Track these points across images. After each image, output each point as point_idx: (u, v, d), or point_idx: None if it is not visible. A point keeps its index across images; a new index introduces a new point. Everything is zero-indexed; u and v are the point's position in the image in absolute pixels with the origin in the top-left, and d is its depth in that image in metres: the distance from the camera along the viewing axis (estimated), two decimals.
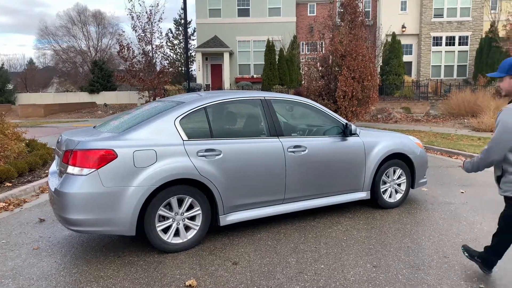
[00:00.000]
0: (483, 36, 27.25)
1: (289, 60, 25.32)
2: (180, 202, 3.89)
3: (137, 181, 3.59)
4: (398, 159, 5.16)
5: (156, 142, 3.74)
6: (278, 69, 24.95)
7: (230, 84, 28.46)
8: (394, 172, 5.19)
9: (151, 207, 3.69)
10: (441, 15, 28.77)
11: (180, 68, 34.45)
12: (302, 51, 28.57)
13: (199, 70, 29.33)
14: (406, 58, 28.28)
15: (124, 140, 3.65)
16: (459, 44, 29.08)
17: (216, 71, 30.07)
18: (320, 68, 15.36)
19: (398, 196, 5.26)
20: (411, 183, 5.37)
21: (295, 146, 4.40)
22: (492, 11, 28.20)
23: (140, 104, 28.22)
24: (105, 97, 32.16)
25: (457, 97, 18.00)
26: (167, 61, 32.89)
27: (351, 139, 4.82)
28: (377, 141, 5.00)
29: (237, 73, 29.57)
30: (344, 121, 4.86)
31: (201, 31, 29.46)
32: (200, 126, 4.06)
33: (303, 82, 23.17)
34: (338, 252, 3.80)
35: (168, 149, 3.75)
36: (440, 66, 29.40)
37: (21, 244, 4.13)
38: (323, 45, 16.38)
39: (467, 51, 29.00)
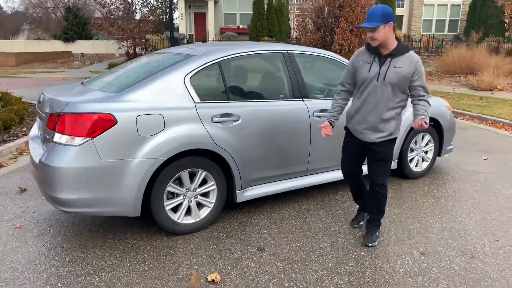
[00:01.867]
0: None
1: (278, 10, 24.03)
2: (192, 176, 3.28)
3: (141, 153, 2.94)
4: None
5: (163, 104, 3.05)
6: (267, 19, 23.69)
7: (215, 35, 27.08)
8: (422, 138, 4.67)
9: (159, 183, 3.07)
10: None
11: (161, 17, 32.48)
12: (291, 1, 27.16)
13: (181, 19, 27.70)
14: (397, 11, 27.33)
15: (125, 102, 2.94)
16: None
17: (200, 20, 28.47)
18: (315, 20, 14.42)
19: (425, 165, 4.78)
20: (438, 151, 4.88)
21: (321, 110, 3.78)
22: None
23: (119, 55, 26.73)
24: (80, 47, 30.25)
25: (452, 54, 17.44)
26: (147, 8, 30.92)
27: None
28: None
29: (222, 23, 28.08)
30: None
31: None
32: (214, 86, 3.37)
33: (294, 34, 22.09)
34: None
35: (178, 114, 3.08)
36: (431, 20, 28.60)
37: (0, 222, 3.49)
38: None
39: (460, 5, 28.19)
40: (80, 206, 2.89)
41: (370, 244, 3.09)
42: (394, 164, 4.46)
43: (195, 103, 3.19)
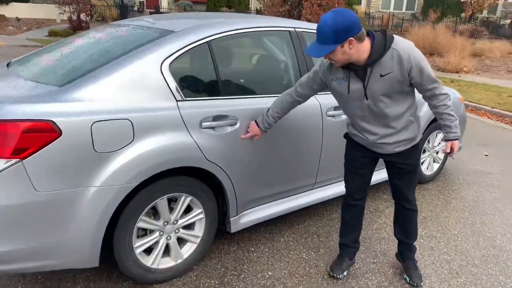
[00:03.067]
0: None
1: None
2: (171, 203, 2.35)
3: (100, 178, 1.97)
4: None
5: (132, 105, 2.06)
6: None
7: (168, 3, 25.20)
8: (436, 136, 4.00)
9: (126, 218, 2.13)
10: None
11: None
12: None
13: None
14: None
15: (73, 101, 1.93)
16: None
17: None
18: None
19: (435, 167, 4.12)
20: None
21: (336, 108, 2.94)
22: None
23: (61, 21, 24.13)
24: (15, 10, 26.99)
25: (416, 34, 17.15)
26: None
27: None
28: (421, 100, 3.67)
29: None
30: None
31: None
32: (204, 76, 2.41)
33: (254, 5, 20.93)
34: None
35: (152, 118, 2.11)
36: None
37: None
38: None
39: None
40: (8, 261, 1.89)
41: (421, 283, 2.41)
42: None
43: (177, 101, 2.22)
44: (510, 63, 14.18)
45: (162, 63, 2.20)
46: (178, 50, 2.27)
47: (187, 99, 2.27)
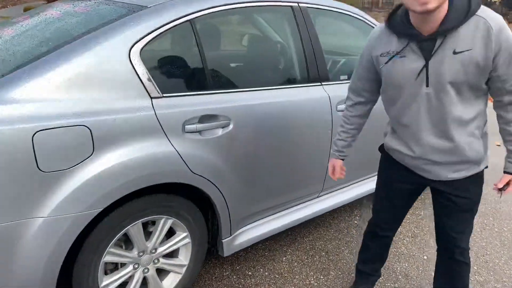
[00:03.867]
0: None
1: None
2: (148, 227, 1.87)
3: (48, 206, 1.47)
4: None
5: (90, 105, 1.54)
6: None
7: None
8: None
9: (86, 254, 1.63)
10: None
11: None
12: None
13: None
14: None
15: (6, 103, 1.40)
16: None
17: None
18: None
19: None
20: None
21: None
22: None
23: None
24: None
25: None
26: None
27: None
28: None
29: None
30: None
31: None
32: (186, 64, 1.89)
33: None
34: None
35: (119, 122, 1.59)
36: None
37: None
38: None
39: None
40: None
41: None
42: None
43: (152, 98, 1.71)
44: None
45: (130, 49, 1.67)
46: (152, 32, 1.73)
47: (165, 95, 1.75)
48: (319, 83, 2.35)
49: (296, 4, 2.31)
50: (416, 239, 2.71)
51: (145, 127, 1.66)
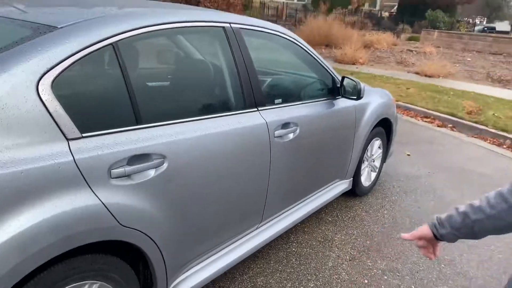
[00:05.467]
0: None
1: None
2: None
3: None
4: (381, 125, 3.59)
5: None
6: None
7: None
8: (373, 144, 3.64)
9: None
10: None
11: None
12: None
13: None
14: None
15: None
16: None
17: None
18: None
19: (373, 176, 3.79)
20: (385, 156, 3.94)
21: (284, 125, 2.32)
22: None
23: None
24: None
25: (311, 25, 17.44)
26: None
27: (342, 103, 2.96)
28: (366, 102, 3.26)
29: None
30: (337, 74, 2.94)
31: None
32: (110, 96, 1.58)
33: None
34: None
35: (25, 174, 1.25)
36: None
37: None
38: None
39: None
40: None
41: None
42: (348, 185, 3.33)
43: (68, 140, 1.38)
44: (397, 55, 15.16)
45: (39, 82, 1.33)
46: (65, 59, 1.41)
47: (85, 135, 1.43)
48: (255, 109, 2.19)
49: (228, 25, 2.12)
50: (354, 262, 2.67)
51: (61, 178, 1.33)
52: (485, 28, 40.57)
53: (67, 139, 1.38)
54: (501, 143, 5.83)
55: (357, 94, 2.77)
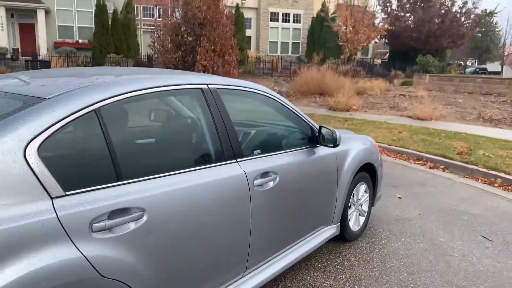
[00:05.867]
0: (315, 15, 28.72)
1: (125, 25, 21.83)
2: None
3: None
4: (365, 170, 3.73)
5: None
6: (112, 34, 21.26)
7: (48, 50, 23.22)
8: (359, 189, 3.75)
9: None
10: None
11: None
12: (138, 16, 25.15)
13: (1, 29, 22.99)
14: (247, 32, 27.84)
15: None
16: (294, 22, 30.19)
17: (28, 32, 24.15)
18: (173, 37, 13.05)
19: (362, 220, 3.86)
20: (372, 200, 4.04)
21: (263, 174, 2.46)
22: None
23: None
24: None
25: (305, 75, 18.09)
26: None
27: (322, 151, 3.11)
28: (347, 149, 3.42)
29: (56, 36, 24.32)
30: (314, 123, 3.12)
31: None
32: (92, 156, 1.75)
33: (145, 51, 20.34)
34: None
35: (9, 232, 1.37)
36: (277, 42, 30.05)
37: None
38: (175, 10, 13.94)
39: (301, 29, 30.32)
40: None
41: None
42: (336, 230, 3.40)
43: (52, 199, 1.52)
44: (390, 100, 15.56)
45: (26, 147, 1.50)
46: (51, 126, 1.58)
47: (68, 193, 1.57)
48: (234, 160, 2.34)
49: (206, 86, 2.32)
50: None
51: (45, 234, 1.46)
52: (477, 70, 41.71)
53: (51, 198, 1.52)
54: (492, 181, 5.92)
55: (333, 142, 2.93)
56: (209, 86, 2.34)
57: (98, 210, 1.62)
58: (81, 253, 1.55)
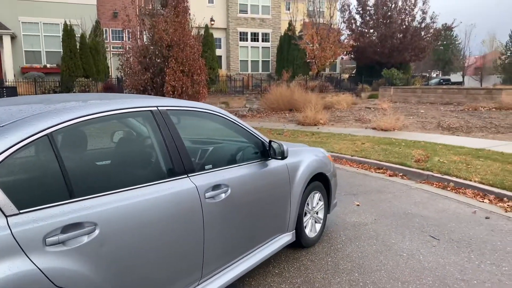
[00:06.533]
0: (283, 34, 29.46)
1: (94, 48, 21.82)
2: None
3: None
4: (317, 180, 3.98)
5: None
6: (81, 58, 21.18)
7: (15, 75, 22.89)
8: (313, 197, 3.99)
9: None
10: (245, 11, 29.84)
11: None
12: (107, 39, 25.17)
13: None
14: (217, 52, 28.24)
15: None
16: (263, 41, 30.84)
17: None
18: (141, 60, 13.18)
19: (318, 227, 4.10)
20: (328, 207, 4.28)
21: (214, 187, 2.67)
22: (287, 11, 30.81)
23: None
24: None
25: (275, 92, 18.53)
26: None
27: (273, 163, 3.34)
28: (298, 161, 3.67)
29: (23, 61, 24.00)
30: (265, 138, 3.35)
31: None
32: (46, 177, 1.91)
33: (114, 74, 20.35)
34: None
35: None
36: (247, 61, 30.57)
37: None
38: (143, 33, 14.14)
39: (269, 47, 30.99)
40: None
41: None
42: (291, 237, 3.62)
43: (7, 217, 1.68)
44: (356, 113, 16.10)
45: None
46: (4, 151, 1.75)
47: (22, 211, 1.73)
48: (185, 175, 2.53)
49: (156, 108, 2.53)
50: None
51: (0, 250, 1.61)
52: (441, 80, 43.52)
53: (6, 216, 1.68)
54: (446, 185, 6.29)
55: (282, 154, 3.17)
56: (159, 108, 2.55)
57: (51, 225, 1.79)
58: (35, 265, 1.70)
